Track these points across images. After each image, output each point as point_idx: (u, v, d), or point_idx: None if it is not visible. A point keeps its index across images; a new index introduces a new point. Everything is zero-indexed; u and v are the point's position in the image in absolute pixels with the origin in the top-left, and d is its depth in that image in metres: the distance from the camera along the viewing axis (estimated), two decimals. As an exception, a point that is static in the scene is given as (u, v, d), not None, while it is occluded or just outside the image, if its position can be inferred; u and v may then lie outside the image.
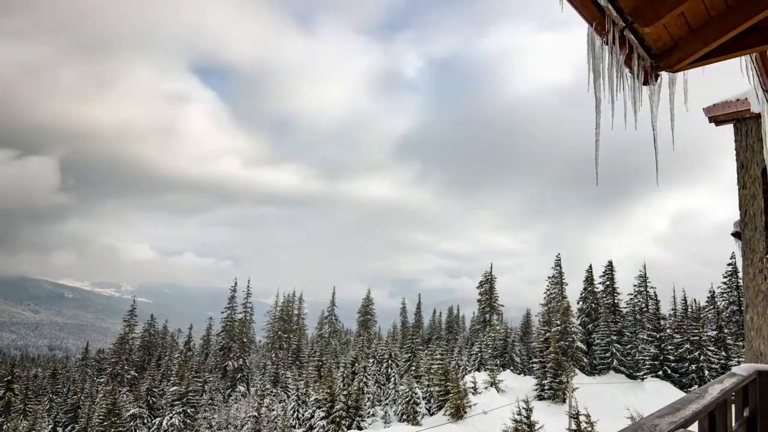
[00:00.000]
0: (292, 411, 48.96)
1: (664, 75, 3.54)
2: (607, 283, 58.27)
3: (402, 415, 44.87)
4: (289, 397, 54.26)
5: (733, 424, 4.14)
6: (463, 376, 49.47)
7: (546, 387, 46.54)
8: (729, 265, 53.68)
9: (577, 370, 48.63)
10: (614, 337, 51.68)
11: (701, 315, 50.62)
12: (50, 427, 58.51)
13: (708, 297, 55.29)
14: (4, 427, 58.96)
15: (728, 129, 12.34)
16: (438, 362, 51.25)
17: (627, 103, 3.30)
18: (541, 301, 60.26)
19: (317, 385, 50.70)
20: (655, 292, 55.88)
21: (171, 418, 54.33)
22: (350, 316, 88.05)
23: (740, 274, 32.59)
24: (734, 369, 4.71)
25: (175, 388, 57.65)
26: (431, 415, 44.72)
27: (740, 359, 43.94)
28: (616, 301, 57.76)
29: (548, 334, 51.98)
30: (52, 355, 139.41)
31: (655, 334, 50.10)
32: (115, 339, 77.37)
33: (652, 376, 47.97)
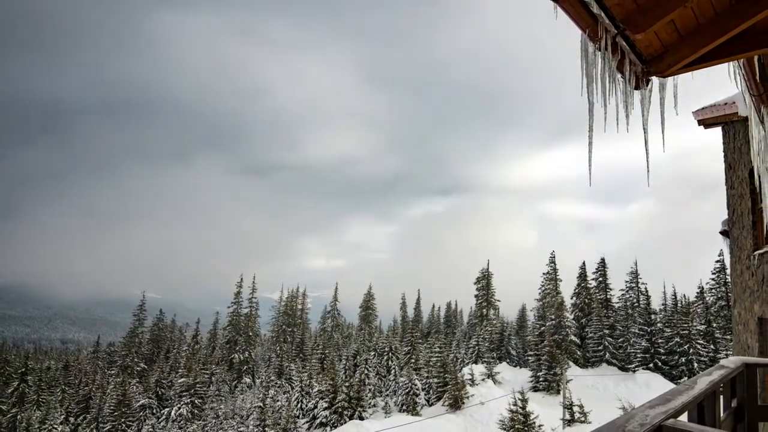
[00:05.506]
0: (296, 402, 49.70)
1: (655, 80, 3.62)
2: (600, 279, 58.82)
3: (402, 405, 45.28)
4: (293, 388, 55.00)
5: (722, 414, 4.19)
6: (461, 369, 49.72)
7: (541, 379, 47.01)
8: (717, 262, 54.53)
9: (570, 363, 49.12)
10: (607, 331, 52.07)
11: (691, 310, 51.09)
12: (62, 417, 58.39)
13: (697, 292, 55.84)
14: (18, 417, 59.00)
15: (717, 132, 12.65)
16: (437, 355, 51.71)
17: (619, 107, 3.38)
18: (536, 296, 60.92)
19: (320, 376, 51.38)
20: (646, 288, 56.47)
21: (179, 408, 55.20)
22: (353, 311, 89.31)
23: (728, 271, 33.41)
24: (722, 361, 4.79)
25: (183, 379, 58.55)
26: (430, 405, 45.10)
27: (728, 352, 44.22)
28: (608, 296, 58.34)
29: (543, 328, 52.59)
30: (65, 348, 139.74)
31: (646, 328, 50.55)
32: (125, 333, 78.18)
33: (643, 369, 48.31)
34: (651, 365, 48.66)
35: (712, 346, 48.22)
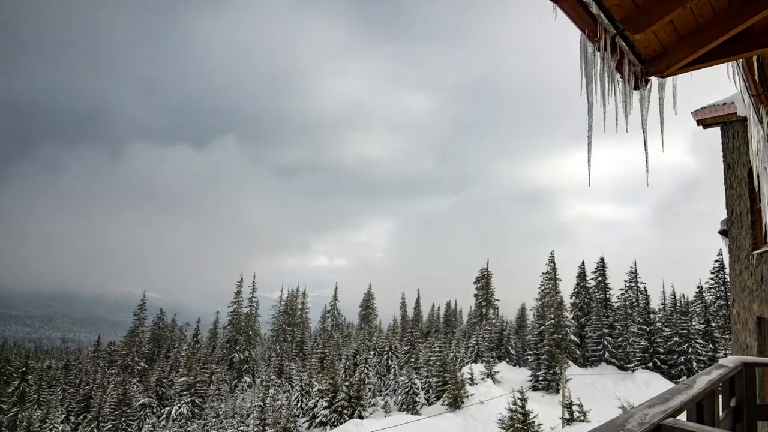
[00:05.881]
0: (296, 401, 49.89)
1: (654, 80, 3.63)
2: (599, 278, 58.81)
3: (402, 404, 45.39)
4: (293, 387, 55.16)
5: (720, 413, 4.20)
6: (461, 368, 49.73)
7: (540, 378, 47.04)
8: (716, 261, 54.65)
9: (570, 362, 49.10)
10: (606, 331, 52.14)
11: (690, 309, 51.19)
12: (63, 416, 58.55)
13: (696, 292, 55.71)
14: (19, 416, 59.08)
15: (716, 132, 12.71)
16: (436, 354, 51.88)
17: (618, 107, 3.40)
18: (536, 295, 61.12)
19: (320, 376, 51.55)
20: (645, 287, 56.50)
21: (179, 407, 55.47)
22: (353, 311, 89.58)
23: (727, 270, 33.47)
24: (721, 361, 4.76)
25: (183, 378, 58.83)
26: (430, 404, 45.26)
27: (727, 351, 44.26)
28: (607, 296, 58.32)
29: (542, 327, 52.54)
30: (65, 348, 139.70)
31: (645, 327, 50.61)
32: (125, 332, 78.42)
33: (642, 368, 48.40)
34: (650, 364, 48.73)
35: (711, 346, 48.36)
